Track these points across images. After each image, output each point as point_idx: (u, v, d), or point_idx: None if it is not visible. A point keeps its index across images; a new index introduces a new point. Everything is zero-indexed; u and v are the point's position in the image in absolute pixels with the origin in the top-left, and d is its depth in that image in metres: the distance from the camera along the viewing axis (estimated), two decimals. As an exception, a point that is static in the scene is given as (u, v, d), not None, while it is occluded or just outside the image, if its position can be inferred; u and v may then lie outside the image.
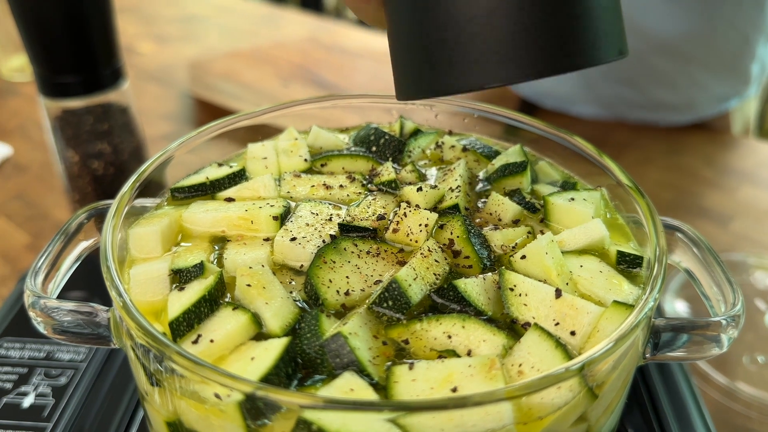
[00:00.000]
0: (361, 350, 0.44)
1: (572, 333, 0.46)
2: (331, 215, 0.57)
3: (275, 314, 0.47)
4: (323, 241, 0.53)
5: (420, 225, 0.54)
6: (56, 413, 0.63)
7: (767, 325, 0.88)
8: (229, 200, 0.60)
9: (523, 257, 0.52)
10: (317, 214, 0.57)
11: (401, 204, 0.58)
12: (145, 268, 0.53)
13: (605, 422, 0.50)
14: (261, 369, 0.42)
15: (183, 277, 0.51)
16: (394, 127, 0.72)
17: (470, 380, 0.41)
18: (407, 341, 0.46)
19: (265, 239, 0.55)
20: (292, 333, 0.46)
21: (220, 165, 0.66)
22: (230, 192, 0.62)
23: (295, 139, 0.69)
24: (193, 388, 0.43)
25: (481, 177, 0.65)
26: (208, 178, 0.62)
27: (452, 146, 0.69)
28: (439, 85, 0.43)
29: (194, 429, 0.45)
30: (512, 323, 0.48)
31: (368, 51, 1.75)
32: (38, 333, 0.51)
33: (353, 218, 0.56)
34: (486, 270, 0.52)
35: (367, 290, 0.50)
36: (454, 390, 0.41)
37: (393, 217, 0.56)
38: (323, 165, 0.66)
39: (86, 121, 0.92)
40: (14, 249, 1.04)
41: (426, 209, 0.56)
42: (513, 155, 0.65)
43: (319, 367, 0.44)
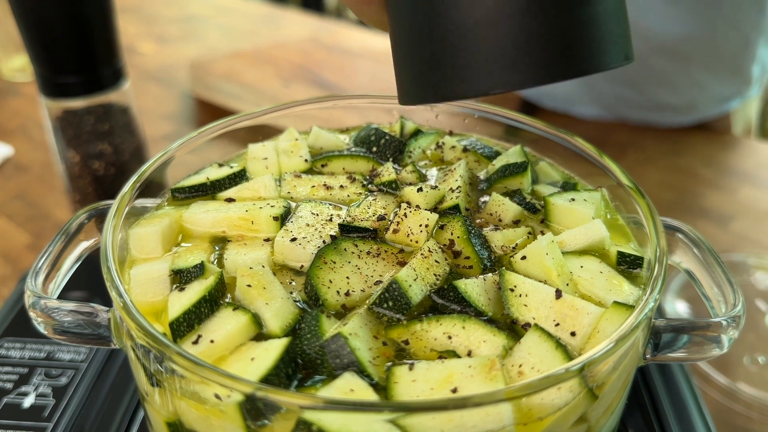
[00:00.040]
0: (362, 351, 0.44)
1: (572, 334, 0.46)
2: (332, 216, 0.57)
3: (275, 315, 0.47)
4: (323, 242, 0.53)
5: (420, 225, 0.54)
6: (57, 413, 0.63)
7: (768, 326, 0.88)
8: (230, 201, 0.60)
9: (524, 258, 0.52)
10: (318, 215, 0.57)
11: (402, 204, 0.58)
12: (146, 269, 0.53)
13: (605, 423, 0.50)
14: (261, 369, 0.42)
15: (183, 278, 0.51)
16: (395, 128, 0.72)
17: (470, 381, 0.41)
18: (407, 342, 0.46)
19: (266, 240, 0.55)
20: (293, 333, 0.46)
21: (221, 165, 0.66)
22: (231, 192, 0.62)
23: (296, 140, 0.69)
24: (194, 389, 0.43)
25: (482, 177, 0.65)
26: (209, 179, 0.62)
27: (453, 147, 0.69)
28: (444, 91, 0.43)
29: (194, 429, 0.45)
30: (512, 324, 0.48)
31: (369, 51, 1.74)
32: (39, 333, 0.51)
33: (353, 219, 0.56)
34: (486, 270, 0.52)
35: (368, 291, 0.50)
36: (454, 391, 0.41)
37: (393, 218, 0.56)
38: (324, 165, 0.66)
39: (87, 122, 0.92)
40: (15, 249, 1.04)
41: (426, 210, 0.56)
42: (513, 156, 0.65)
43: (320, 368, 0.44)
